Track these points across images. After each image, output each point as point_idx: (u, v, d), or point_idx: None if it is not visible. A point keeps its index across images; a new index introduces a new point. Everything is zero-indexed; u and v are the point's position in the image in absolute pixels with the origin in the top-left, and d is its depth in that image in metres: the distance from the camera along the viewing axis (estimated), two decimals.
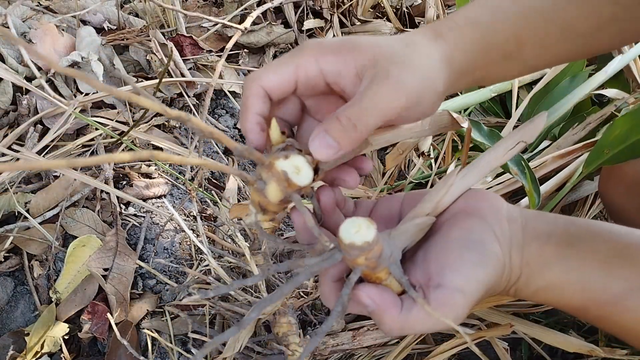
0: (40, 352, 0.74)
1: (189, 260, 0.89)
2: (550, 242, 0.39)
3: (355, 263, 0.34)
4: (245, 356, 0.72)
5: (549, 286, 0.39)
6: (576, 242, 0.39)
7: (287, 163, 0.34)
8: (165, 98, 1.03)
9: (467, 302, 0.36)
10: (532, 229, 0.40)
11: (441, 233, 0.39)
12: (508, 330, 0.65)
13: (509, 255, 0.38)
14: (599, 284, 0.38)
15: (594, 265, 0.38)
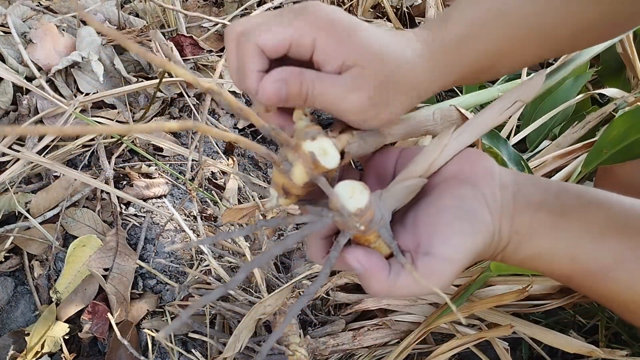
0: (41, 352, 0.74)
1: (189, 260, 0.89)
2: (541, 210, 0.39)
3: (346, 226, 0.34)
4: (245, 356, 0.72)
5: (538, 254, 0.39)
6: (567, 211, 0.39)
7: (315, 144, 0.33)
8: (165, 98, 1.03)
9: (454, 270, 0.36)
10: (523, 197, 0.40)
11: (433, 198, 0.39)
12: (509, 331, 0.65)
13: (499, 223, 0.38)
14: (588, 254, 0.38)
15: (583, 235, 0.38)
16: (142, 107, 1.01)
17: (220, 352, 0.73)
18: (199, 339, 0.78)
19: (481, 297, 0.69)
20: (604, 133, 0.69)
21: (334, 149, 0.34)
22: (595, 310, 0.79)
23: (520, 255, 0.39)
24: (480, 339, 0.68)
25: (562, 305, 0.73)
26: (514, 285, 0.70)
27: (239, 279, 0.31)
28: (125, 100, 1.00)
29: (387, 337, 0.72)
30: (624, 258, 0.38)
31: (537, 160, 0.83)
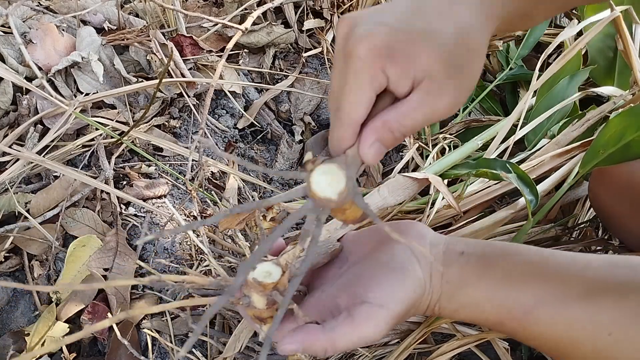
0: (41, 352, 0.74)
1: (189, 260, 0.89)
2: (468, 263, 0.45)
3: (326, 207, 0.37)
4: (245, 356, 0.72)
5: (468, 303, 0.44)
6: (492, 262, 0.44)
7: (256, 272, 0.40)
8: (165, 98, 1.03)
9: (389, 317, 0.41)
10: (452, 252, 0.46)
11: (369, 258, 0.46)
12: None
13: (429, 275, 0.44)
14: (512, 299, 0.43)
15: (506, 282, 0.43)
16: (142, 107, 1.01)
17: (220, 352, 0.73)
18: (199, 339, 0.78)
19: None
20: (600, 133, 0.69)
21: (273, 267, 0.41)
22: None
23: (453, 305, 0.44)
24: (481, 340, 0.68)
25: None
26: None
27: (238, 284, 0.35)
28: (125, 100, 1.00)
29: (388, 337, 0.72)
30: (543, 300, 0.42)
31: (534, 160, 0.83)
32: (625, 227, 0.67)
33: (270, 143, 1.19)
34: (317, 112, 1.22)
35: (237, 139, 1.13)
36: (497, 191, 0.80)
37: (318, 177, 0.35)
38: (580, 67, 0.97)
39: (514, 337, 0.46)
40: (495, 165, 0.72)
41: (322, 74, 1.23)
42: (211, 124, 1.08)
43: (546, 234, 0.80)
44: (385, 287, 0.42)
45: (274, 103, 1.20)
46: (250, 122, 1.13)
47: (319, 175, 0.35)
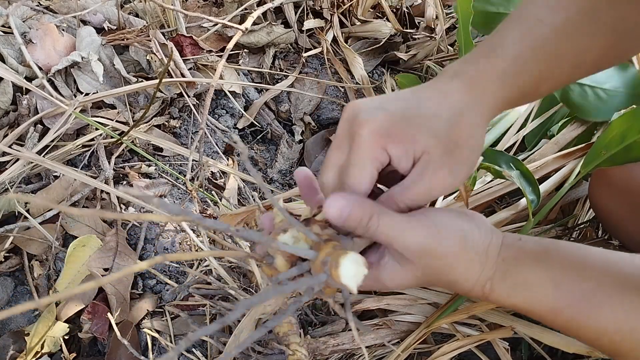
0: (41, 352, 0.74)
1: (189, 260, 0.89)
2: (526, 245, 0.43)
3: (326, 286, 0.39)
4: (245, 356, 0.72)
5: (524, 284, 0.42)
6: (549, 248, 0.43)
7: (287, 235, 0.40)
8: (165, 98, 1.03)
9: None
10: (510, 236, 0.44)
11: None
12: (509, 333, 0.65)
13: (487, 246, 0.42)
14: (571, 282, 0.41)
15: (566, 267, 0.41)
16: (142, 107, 1.01)
17: (220, 352, 0.73)
18: (199, 339, 0.78)
19: None
20: (602, 134, 0.69)
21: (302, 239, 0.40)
22: None
23: (507, 285, 0.42)
24: (481, 340, 0.68)
25: None
26: None
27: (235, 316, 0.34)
28: (125, 100, 1.00)
29: (388, 337, 0.72)
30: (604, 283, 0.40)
31: (538, 162, 0.83)
32: (625, 229, 0.67)
33: (270, 143, 1.19)
34: (317, 112, 1.22)
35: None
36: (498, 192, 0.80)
37: (349, 264, 0.36)
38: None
39: (569, 329, 0.42)
40: (501, 159, 0.71)
41: (322, 74, 1.23)
42: (211, 124, 1.08)
43: (546, 234, 0.80)
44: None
45: (274, 103, 1.20)
46: (250, 122, 1.13)
47: (350, 262, 0.36)
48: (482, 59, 0.44)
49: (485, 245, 0.42)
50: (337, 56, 1.23)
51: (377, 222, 0.40)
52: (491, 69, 0.44)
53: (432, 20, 1.36)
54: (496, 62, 0.44)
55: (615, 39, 0.44)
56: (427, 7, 1.36)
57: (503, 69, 0.43)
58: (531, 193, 0.68)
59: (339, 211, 0.40)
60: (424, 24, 1.38)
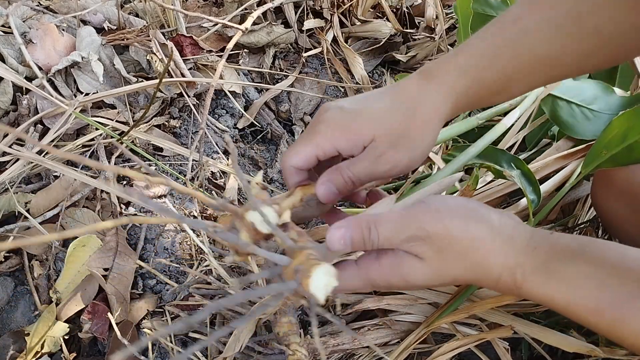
0: (41, 352, 0.74)
1: (190, 260, 0.89)
2: (561, 240, 0.39)
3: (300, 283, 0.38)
4: (245, 356, 0.72)
5: (563, 278, 0.38)
6: (587, 247, 0.39)
7: (256, 215, 0.40)
8: (165, 98, 1.03)
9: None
10: (541, 231, 0.41)
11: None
12: (509, 332, 0.65)
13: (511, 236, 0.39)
14: (614, 281, 0.37)
15: (606, 266, 0.38)
16: (142, 107, 1.01)
17: (220, 352, 0.73)
18: (199, 339, 0.78)
19: (481, 297, 0.70)
20: (603, 134, 0.69)
21: (273, 214, 0.41)
22: None
23: (542, 278, 0.38)
24: (481, 340, 0.68)
25: None
26: None
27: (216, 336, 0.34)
28: (125, 100, 1.00)
29: (388, 337, 0.72)
30: None
31: (539, 162, 0.83)
32: (626, 231, 0.67)
33: (270, 143, 1.19)
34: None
35: (237, 139, 1.13)
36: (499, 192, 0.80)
37: (321, 275, 0.37)
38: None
39: (611, 331, 0.38)
40: (502, 158, 0.71)
41: (322, 74, 1.23)
42: (211, 123, 1.08)
43: None
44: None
45: (274, 103, 1.20)
46: (250, 122, 1.13)
47: (322, 274, 0.37)
48: (447, 56, 0.45)
49: (509, 228, 0.39)
50: (337, 56, 1.23)
51: (376, 235, 0.40)
52: (451, 62, 0.45)
53: (432, 20, 1.36)
54: (458, 58, 0.45)
55: (599, 42, 0.43)
56: (427, 7, 1.36)
57: (465, 62, 0.44)
58: (532, 193, 0.68)
59: (342, 240, 0.41)
60: (424, 24, 1.38)
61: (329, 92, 1.21)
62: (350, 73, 1.21)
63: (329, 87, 1.21)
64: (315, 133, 0.46)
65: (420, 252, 0.39)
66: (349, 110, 0.46)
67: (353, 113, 0.45)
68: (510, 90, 0.46)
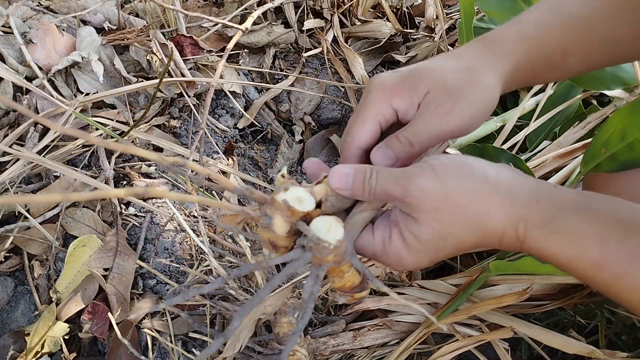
0: (41, 352, 0.74)
1: (190, 260, 0.89)
2: (565, 194, 0.38)
3: (323, 260, 0.36)
4: (245, 356, 0.72)
5: (566, 232, 0.37)
6: (592, 202, 0.38)
7: (288, 194, 0.37)
8: (165, 98, 1.03)
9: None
10: (542, 182, 0.40)
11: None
12: (509, 334, 0.65)
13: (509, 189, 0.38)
14: (618, 237, 0.36)
15: (611, 221, 0.37)
16: (142, 107, 1.01)
17: (220, 352, 0.73)
18: (199, 339, 0.78)
19: (481, 298, 0.70)
20: (600, 131, 0.68)
21: (307, 195, 0.37)
22: (594, 312, 0.79)
23: (544, 231, 0.37)
24: (481, 341, 0.68)
25: (562, 305, 0.73)
26: (514, 284, 0.70)
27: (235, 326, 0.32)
28: (125, 100, 1.00)
29: (388, 338, 0.73)
30: None
31: (536, 160, 0.83)
32: None
33: (271, 143, 1.19)
34: (317, 112, 1.22)
35: (237, 139, 1.13)
36: None
37: (319, 221, 0.36)
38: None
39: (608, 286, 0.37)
40: (502, 157, 0.71)
41: (322, 74, 1.23)
42: (211, 124, 1.08)
43: None
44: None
45: (274, 103, 1.20)
46: (250, 122, 1.13)
47: (319, 220, 0.36)
48: (506, 24, 0.44)
49: (507, 181, 0.38)
50: (337, 56, 1.23)
51: (375, 179, 0.39)
52: (510, 29, 0.44)
53: (432, 20, 1.36)
54: (518, 26, 0.44)
55: None
56: (427, 7, 1.36)
57: (524, 30, 0.43)
58: None
59: (344, 178, 0.40)
60: (424, 24, 1.38)
61: (329, 92, 1.21)
62: (350, 73, 1.21)
63: (329, 87, 1.21)
64: (370, 101, 0.44)
65: (415, 210, 0.38)
66: (401, 71, 0.44)
67: (406, 71, 0.44)
68: (567, 66, 0.45)
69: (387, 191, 0.39)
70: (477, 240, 0.39)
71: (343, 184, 0.40)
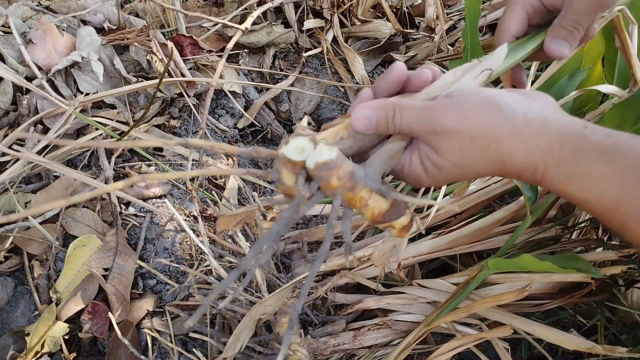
0: (41, 352, 0.74)
1: (189, 260, 0.89)
2: (592, 137, 0.38)
3: (331, 187, 0.36)
4: (246, 356, 0.72)
5: (585, 176, 0.37)
6: (621, 144, 0.38)
7: (289, 147, 0.36)
8: (165, 98, 1.03)
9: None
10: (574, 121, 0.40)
11: None
12: (509, 332, 0.65)
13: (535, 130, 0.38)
14: (638, 177, 0.36)
15: (635, 164, 0.37)
16: (142, 107, 1.01)
17: (220, 352, 0.73)
18: (199, 339, 0.78)
19: (481, 297, 0.70)
20: None
21: (309, 143, 0.36)
22: (594, 311, 0.79)
23: (563, 172, 0.38)
24: (481, 340, 0.68)
25: (562, 305, 0.73)
26: (514, 283, 0.70)
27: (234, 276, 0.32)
28: (125, 100, 1.00)
29: (388, 337, 0.72)
30: None
31: None
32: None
33: (271, 143, 1.19)
34: (317, 112, 1.22)
35: (237, 139, 1.13)
36: (497, 190, 0.80)
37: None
38: (582, 65, 0.97)
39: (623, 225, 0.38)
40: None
41: (322, 74, 1.23)
42: (211, 123, 1.08)
43: (546, 233, 0.80)
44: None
45: (274, 103, 1.20)
46: (250, 121, 1.13)
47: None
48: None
49: (536, 121, 0.38)
50: (337, 56, 1.23)
51: (399, 117, 0.39)
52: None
53: (432, 20, 1.36)
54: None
55: None
56: (427, 7, 1.36)
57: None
58: (529, 190, 0.68)
59: (368, 120, 0.40)
60: (424, 24, 1.38)
61: (329, 92, 1.21)
62: (350, 73, 1.21)
63: (329, 87, 1.21)
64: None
65: (438, 146, 0.39)
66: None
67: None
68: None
69: (412, 128, 0.40)
70: (495, 173, 0.40)
71: (367, 125, 0.40)
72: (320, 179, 0.35)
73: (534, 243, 0.78)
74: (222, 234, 0.89)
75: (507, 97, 0.39)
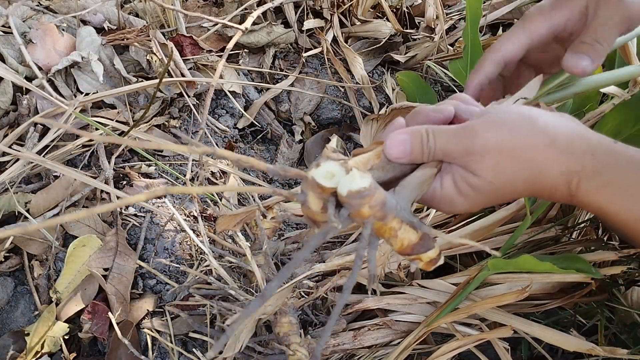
0: (41, 352, 0.74)
1: (190, 260, 0.89)
2: (625, 152, 0.38)
3: (362, 216, 0.34)
4: (246, 356, 0.72)
5: (617, 186, 0.37)
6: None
7: (319, 170, 0.35)
8: (165, 98, 1.03)
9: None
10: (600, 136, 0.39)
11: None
12: (509, 332, 0.65)
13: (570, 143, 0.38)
14: None
15: None
16: (142, 107, 1.01)
17: (220, 352, 0.73)
18: (199, 339, 0.78)
19: (481, 297, 0.70)
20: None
21: (340, 170, 0.35)
22: (595, 311, 0.79)
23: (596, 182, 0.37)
24: (481, 340, 0.68)
25: (562, 305, 0.73)
26: (514, 283, 0.70)
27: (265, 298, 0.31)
28: (125, 100, 1.00)
29: (388, 337, 0.73)
30: None
31: None
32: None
33: (270, 143, 1.19)
34: (317, 112, 1.22)
35: (237, 139, 1.13)
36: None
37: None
38: None
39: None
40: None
41: (322, 74, 1.23)
42: (211, 123, 1.08)
43: (546, 233, 0.80)
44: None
45: (274, 103, 1.20)
46: (250, 122, 1.13)
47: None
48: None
49: (567, 135, 0.38)
50: (337, 56, 1.23)
51: (433, 140, 0.39)
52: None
53: (432, 20, 1.36)
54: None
55: None
56: (427, 7, 1.36)
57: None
58: None
59: (403, 146, 0.39)
60: (424, 24, 1.38)
61: (329, 92, 1.21)
62: (350, 73, 1.21)
63: (328, 87, 1.21)
64: (525, 20, 0.46)
65: (475, 167, 0.38)
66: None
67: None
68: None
69: (447, 151, 0.39)
70: (529, 193, 0.40)
71: (402, 152, 0.39)
72: (351, 206, 0.34)
73: (534, 243, 0.78)
74: (222, 234, 0.89)
75: (539, 113, 0.39)
